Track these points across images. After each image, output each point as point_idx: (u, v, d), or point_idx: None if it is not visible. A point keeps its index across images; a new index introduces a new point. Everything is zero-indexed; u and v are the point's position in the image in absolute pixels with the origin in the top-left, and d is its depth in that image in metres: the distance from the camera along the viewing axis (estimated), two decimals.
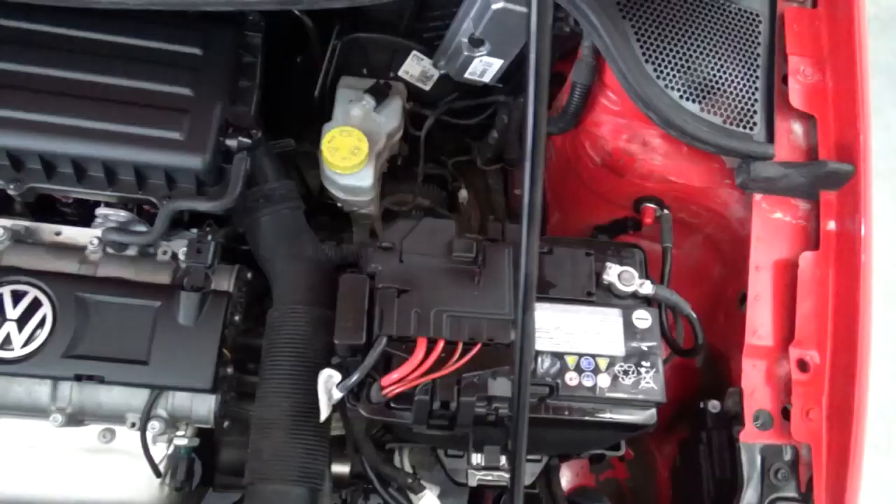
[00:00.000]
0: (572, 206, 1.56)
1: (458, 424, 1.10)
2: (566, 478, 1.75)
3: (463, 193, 1.95)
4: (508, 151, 1.66)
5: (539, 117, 0.72)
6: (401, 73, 1.55)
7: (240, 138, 1.19)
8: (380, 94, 1.46)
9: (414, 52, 1.53)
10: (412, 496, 1.31)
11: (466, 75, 1.47)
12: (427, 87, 1.59)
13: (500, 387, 1.09)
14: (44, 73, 1.15)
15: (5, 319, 1.12)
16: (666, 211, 1.39)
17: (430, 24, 1.43)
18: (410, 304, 1.10)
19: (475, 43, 1.37)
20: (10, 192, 1.16)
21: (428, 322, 1.09)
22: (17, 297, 1.14)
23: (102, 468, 1.26)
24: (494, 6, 1.26)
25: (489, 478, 1.42)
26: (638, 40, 1.24)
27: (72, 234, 1.28)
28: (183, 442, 1.25)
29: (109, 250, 1.24)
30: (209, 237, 1.19)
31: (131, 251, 1.26)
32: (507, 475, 1.42)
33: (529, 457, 1.35)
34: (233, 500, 1.70)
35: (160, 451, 1.27)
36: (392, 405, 1.11)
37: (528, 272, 0.78)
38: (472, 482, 1.41)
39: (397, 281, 1.11)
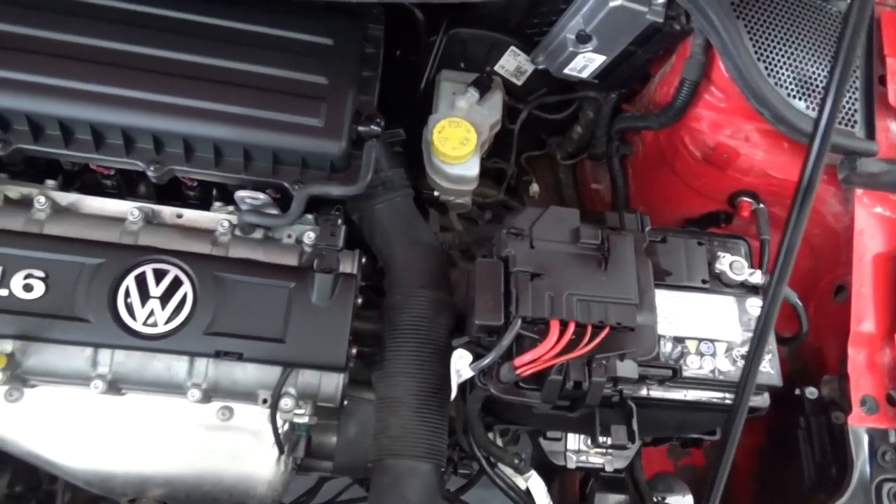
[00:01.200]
0: (662, 198, 1.61)
1: (586, 405, 1.15)
2: None
3: (534, 187, 2.00)
4: (595, 146, 1.71)
5: (817, 165, 0.76)
6: (497, 67, 1.60)
7: (371, 126, 1.23)
8: (483, 87, 1.50)
9: (512, 48, 1.57)
10: (517, 477, 1.36)
11: (566, 71, 1.51)
12: (519, 82, 1.63)
13: (628, 369, 1.14)
14: (188, 59, 1.19)
15: (149, 297, 1.16)
16: (762, 205, 1.44)
17: (536, 20, 1.47)
18: (543, 287, 1.14)
19: (582, 39, 1.42)
20: (150, 173, 1.20)
21: (560, 305, 1.14)
22: (158, 275, 1.17)
23: (221, 444, 1.30)
24: (612, 4, 1.31)
25: (586, 460, 1.48)
26: (750, 39, 1.29)
27: (192, 216, 1.31)
28: (304, 420, 1.29)
29: (237, 233, 1.28)
30: (339, 220, 1.23)
31: (257, 234, 1.30)
32: (602, 459, 1.48)
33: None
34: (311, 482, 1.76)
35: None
36: (520, 385, 1.16)
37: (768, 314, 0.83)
38: (570, 465, 1.47)
39: (530, 265, 1.16)
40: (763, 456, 1.55)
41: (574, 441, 1.46)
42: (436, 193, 1.56)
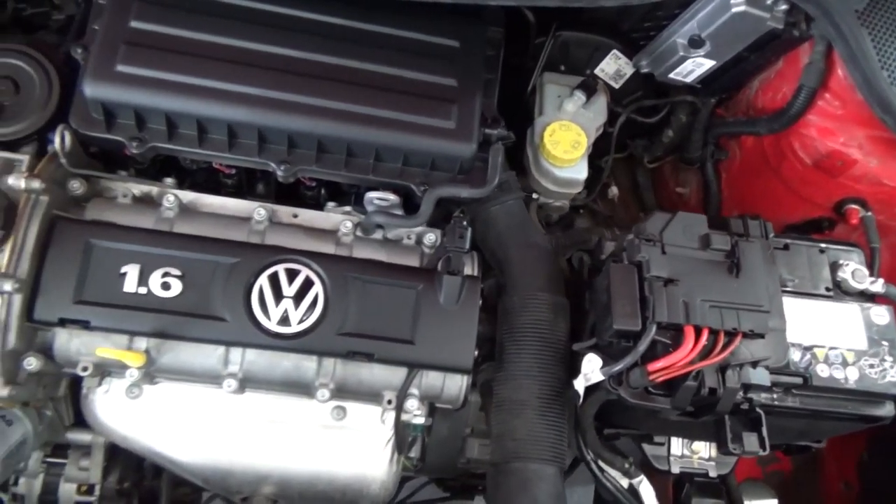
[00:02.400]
0: (761, 204, 1.60)
1: (716, 412, 1.15)
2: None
3: (614, 190, 1.99)
4: (690, 150, 1.70)
5: None
6: (597, 70, 1.60)
7: (497, 129, 1.23)
8: (590, 90, 1.50)
9: (614, 51, 1.57)
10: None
11: (671, 75, 1.50)
12: (617, 86, 1.63)
13: (760, 377, 1.14)
14: (323, 60, 1.19)
15: (282, 297, 1.16)
16: (870, 213, 1.44)
17: (647, 23, 1.47)
18: (677, 293, 1.14)
19: (695, 44, 1.41)
20: (280, 173, 1.20)
21: (695, 311, 1.13)
22: (291, 275, 1.17)
23: (335, 444, 1.30)
24: (735, 9, 1.30)
25: (690, 465, 1.48)
26: (874, 47, 1.28)
27: (308, 216, 1.32)
28: (420, 421, 1.29)
29: (359, 233, 1.28)
30: (465, 223, 1.23)
31: (377, 235, 1.30)
32: (706, 464, 1.48)
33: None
34: None
35: (388, 429, 1.31)
36: (649, 390, 1.16)
37: None
38: (675, 469, 1.47)
39: (663, 271, 1.15)
40: (863, 466, 1.55)
41: (677, 446, 1.46)
42: (534, 196, 1.56)
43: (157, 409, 1.24)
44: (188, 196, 1.27)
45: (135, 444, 1.25)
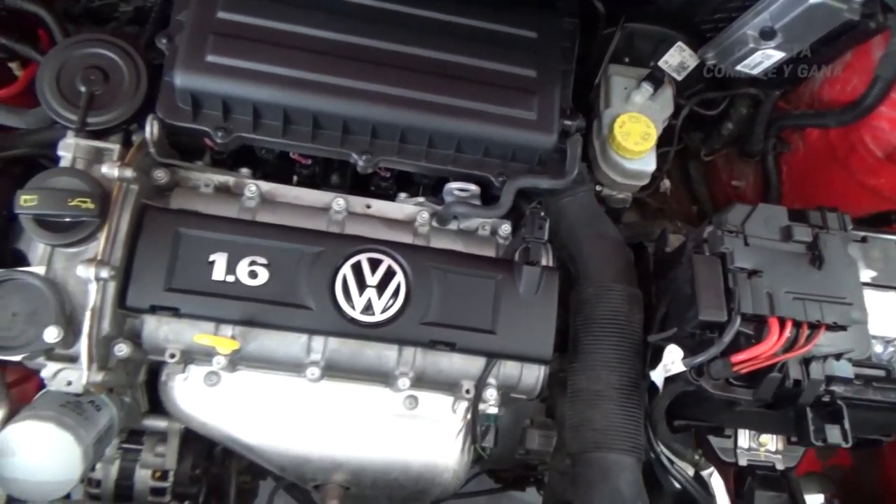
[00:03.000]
0: (826, 196, 1.58)
1: (799, 404, 1.15)
2: None
3: (666, 182, 1.98)
4: (751, 142, 1.70)
5: None
6: (661, 62, 1.59)
7: (576, 120, 1.23)
8: (657, 82, 1.50)
9: (679, 43, 1.56)
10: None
11: (739, 67, 1.50)
12: (680, 78, 1.62)
13: (843, 369, 1.13)
14: (407, 51, 1.20)
15: (366, 286, 1.17)
16: None
17: (718, 15, 1.46)
18: (761, 285, 1.14)
19: (766, 36, 1.40)
20: (361, 164, 1.21)
21: (778, 303, 1.13)
22: (373, 264, 1.18)
23: (408, 432, 1.31)
24: (812, 1, 1.30)
25: (758, 458, 1.48)
26: None
27: (381, 206, 1.32)
28: (493, 410, 1.30)
29: (434, 224, 1.29)
30: (542, 214, 1.23)
31: (452, 225, 1.31)
32: (772, 457, 1.48)
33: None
34: None
35: (459, 418, 1.32)
36: (730, 381, 1.16)
37: None
38: (742, 461, 1.47)
39: (747, 262, 1.15)
40: None
41: (744, 438, 1.47)
42: (598, 188, 1.56)
43: (234, 397, 1.26)
44: (265, 186, 1.28)
45: (213, 431, 1.27)
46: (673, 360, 1.17)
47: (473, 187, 1.26)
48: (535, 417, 1.67)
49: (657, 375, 1.21)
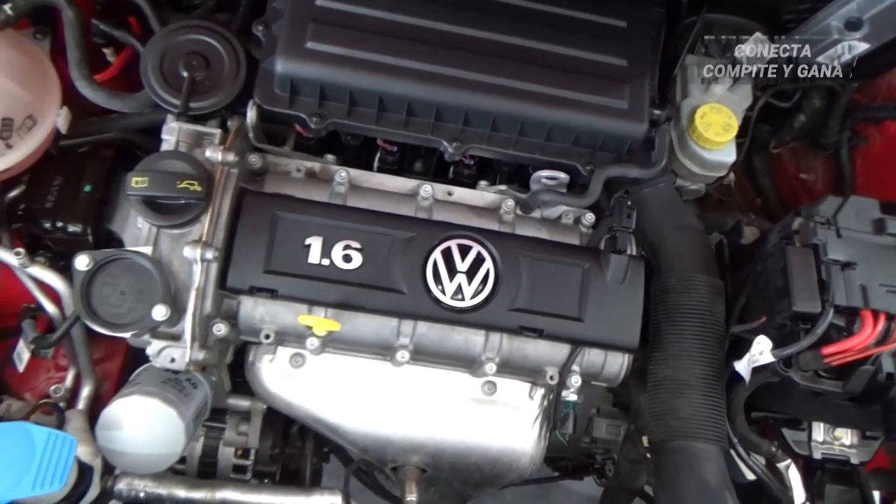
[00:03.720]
0: None
1: (890, 396, 1.15)
2: None
3: (731, 175, 1.97)
4: (826, 135, 1.68)
5: None
6: (737, 52, 1.58)
7: (666, 110, 1.23)
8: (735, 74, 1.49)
9: (757, 33, 1.55)
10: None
11: (820, 59, 1.49)
12: (756, 69, 1.61)
13: None
14: (499, 39, 1.20)
15: (456, 272, 1.19)
16: None
17: (801, 5, 1.45)
18: (854, 277, 1.14)
19: (852, 26, 1.39)
20: (450, 151, 1.23)
21: (872, 295, 1.13)
22: (463, 251, 1.20)
23: (487, 417, 1.33)
24: None
25: (832, 452, 1.48)
26: None
27: (463, 194, 1.33)
28: (573, 398, 1.31)
29: (518, 212, 1.30)
30: (629, 203, 1.24)
31: (535, 214, 1.32)
32: (850, 450, 1.48)
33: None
34: None
35: (536, 405, 1.34)
36: (820, 374, 1.16)
37: None
38: (816, 455, 1.47)
39: (840, 254, 1.15)
40: None
41: (819, 432, 1.46)
42: (674, 179, 1.55)
43: (319, 379, 1.28)
44: (352, 172, 1.30)
45: (298, 411, 1.30)
46: (762, 351, 1.17)
47: (563, 176, 1.26)
48: (601, 406, 1.68)
49: (742, 366, 1.21)
